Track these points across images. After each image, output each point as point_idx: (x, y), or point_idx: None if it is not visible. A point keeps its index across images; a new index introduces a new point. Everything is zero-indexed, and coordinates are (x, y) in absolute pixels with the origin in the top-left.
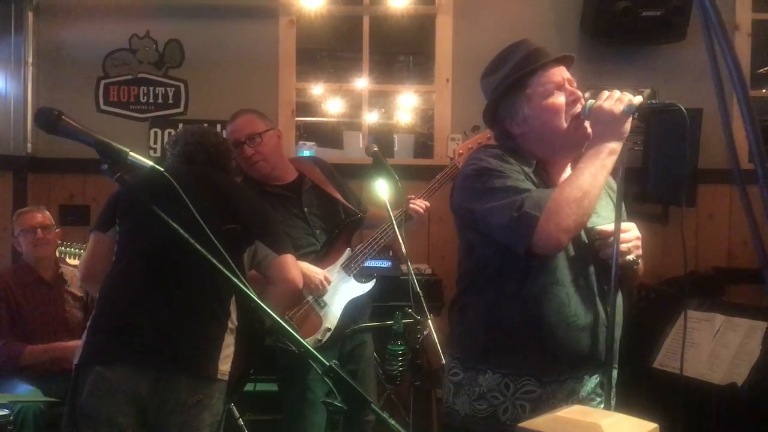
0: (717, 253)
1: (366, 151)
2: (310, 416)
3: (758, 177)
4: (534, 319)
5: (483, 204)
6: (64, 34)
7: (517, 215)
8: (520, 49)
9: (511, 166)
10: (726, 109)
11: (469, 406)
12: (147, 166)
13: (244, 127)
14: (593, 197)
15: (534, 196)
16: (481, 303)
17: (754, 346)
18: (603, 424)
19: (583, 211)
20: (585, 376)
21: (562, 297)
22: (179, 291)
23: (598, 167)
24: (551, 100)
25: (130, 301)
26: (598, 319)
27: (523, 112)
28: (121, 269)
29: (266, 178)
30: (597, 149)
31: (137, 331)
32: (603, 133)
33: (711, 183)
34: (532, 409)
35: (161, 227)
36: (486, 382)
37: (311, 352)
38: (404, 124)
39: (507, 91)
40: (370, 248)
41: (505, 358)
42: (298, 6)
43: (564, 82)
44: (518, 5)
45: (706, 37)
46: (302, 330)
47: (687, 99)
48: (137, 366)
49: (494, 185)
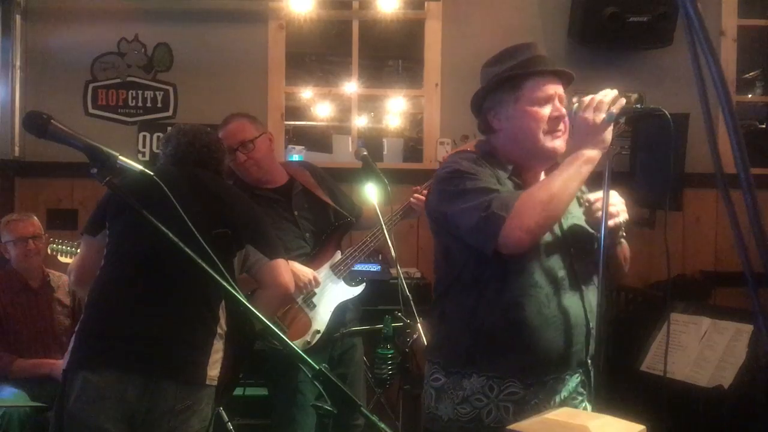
0: (704, 257)
1: (355, 155)
2: (300, 419)
3: (741, 183)
4: (515, 322)
5: (454, 206)
6: (52, 37)
7: (484, 215)
8: (527, 51)
9: (483, 169)
10: (710, 116)
11: (453, 410)
12: (136, 170)
13: (236, 133)
14: (562, 202)
15: (502, 197)
16: (461, 308)
17: (740, 349)
18: (591, 426)
19: (548, 213)
20: (567, 376)
21: (542, 299)
22: (168, 296)
23: (572, 173)
24: (536, 109)
25: (117, 307)
26: (578, 318)
27: (508, 110)
28: (110, 274)
29: (257, 182)
30: (574, 156)
31: (125, 337)
32: (583, 141)
33: (698, 187)
34: (515, 411)
35: (150, 231)
36: (470, 385)
37: (301, 355)
38: (393, 128)
39: (499, 86)
40: (359, 251)
41: (489, 362)
42: (287, 10)
43: (555, 98)
44: (507, 11)
45: (690, 44)
46: (291, 331)
47: (674, 104)
48: (124, 372)
49: (465, 187)
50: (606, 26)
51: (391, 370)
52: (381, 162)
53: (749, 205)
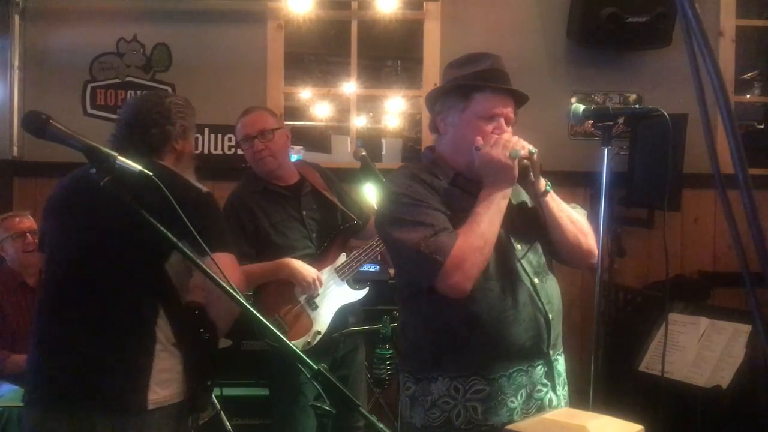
0: (702, 257)
1: (354, 155)
2: (301, 420)
3: (738, 183)
4: (473, 316)
5: (394, 231)
6: (50, 37)
7: (422, 255)
8: (488, 62)
9: (422, 189)
10: (707, 117)
11: (424, 416)
12: (135, 171)
13: (256, 122)
14: (492, 242)
15: (440, 241)
16: (419, 313)
17: (738, 349)
18: (589, 426)
19: (484, 257)
20: (530, 367)
21: (497, 291)
22: (92, 319)
23: (493, 212)
24: (480, 123)
25: (42, 335)
26: (535, 309)
27: (455, 117)
28: (40, 297)
29: (271, 175)
30: (491, 196)
31: (48, 368)
32: (494, 179)
33: (696, 187)
34: (484, 410)
35: (73, 246)
36: (437, 389)
37: (300, 356)
38: (392, 128)
39: (452, 91)
40: (365, 255)
41: (453, 361)
42: (286, 10)
43: (501, 117)
44: (505, 11)
45: (688, 45)
46: (293, 330)
47: (672, 104)
48: (47, 408)
49: (402, 216)
50: (605, 27)
51: (390, 371)
52: (380, 162)
53: (747, 206)
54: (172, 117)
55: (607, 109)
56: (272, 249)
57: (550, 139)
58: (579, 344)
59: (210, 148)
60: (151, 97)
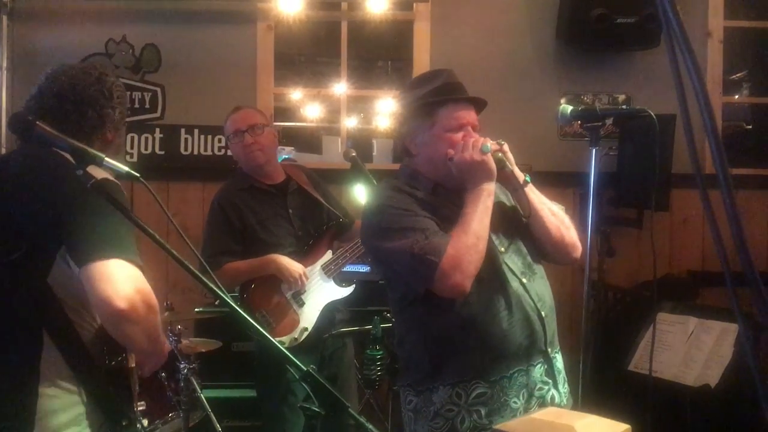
0: (691, 257)
1: (344, 156)
2: (291, 419)
3: (719, 183)
4: (467, 320)
5: (384, 243)
6: (39, 38)
7: (415, 260)
8: (442, 77)
9: (406, 199)
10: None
11: (428, 427)
12: (123, 172)
13: (246, 117)
14: (485, 239)
15: (433, 242)
16: (415, 324)
17: (726, 349)
18: (576, 425)
19: (480, 254)
20: (529, 366)
21: (489, 293)
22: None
23: (482, 210)
24: (450, 135)
25: None
26: (528, 308)
27: (424, 136)
28: None
29: (258, 171)
30: (476, 195)
31: None
32: (474, 179)
33: (685, 187)
34: (487, 413)
35: None
36: (439, 399)
37: (288, 356)
38: (383, 129)
39: (416, 113)
40: (351, 252)
41: (453, 368)
42: (276, 11)
43: (468, 125)
44: (494, 12)
45: (669, 46)
46: (279, 327)
47: (661, 104)
48: None
49: (390, 226)
50: (594, 27)
51: (380, 371)
52: (370, 163)
53: (728, 205)
54: (113, 100)
55: (594, 109)
56: (259, 246)
57: (540, 139)
58: (568, 344)
59: (200, 149)
60: (89, 69)
